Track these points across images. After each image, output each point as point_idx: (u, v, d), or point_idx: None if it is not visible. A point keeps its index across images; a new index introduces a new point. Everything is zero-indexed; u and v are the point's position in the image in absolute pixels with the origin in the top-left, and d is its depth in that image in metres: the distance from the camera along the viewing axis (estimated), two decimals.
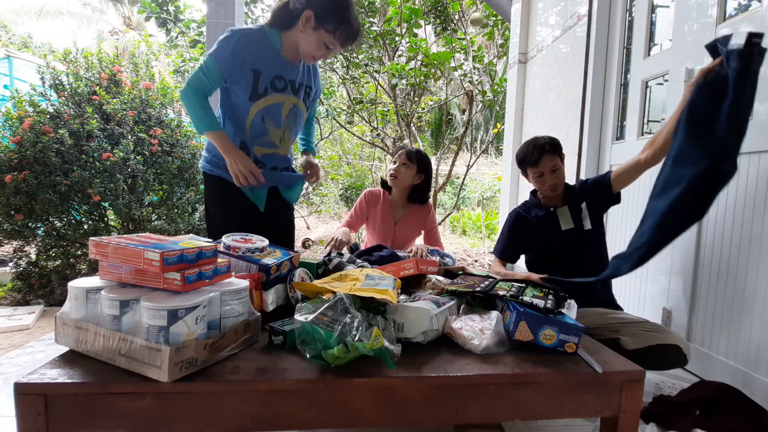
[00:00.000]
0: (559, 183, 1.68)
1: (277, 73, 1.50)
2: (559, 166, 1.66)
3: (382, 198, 2.14)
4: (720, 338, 1.68)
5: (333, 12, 1.38)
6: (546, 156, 1.63)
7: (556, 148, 1.67)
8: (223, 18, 2.84)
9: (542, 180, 1.67)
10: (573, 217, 1.68)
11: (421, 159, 2.05)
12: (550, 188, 1.68)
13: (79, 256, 2.95)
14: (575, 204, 1.70)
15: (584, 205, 1.69)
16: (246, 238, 1.25)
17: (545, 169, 1.65)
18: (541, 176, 1.67)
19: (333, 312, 0.90)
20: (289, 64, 1.53)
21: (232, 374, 0.84)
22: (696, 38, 1.82)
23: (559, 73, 2.88)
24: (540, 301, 1.04)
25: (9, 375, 1.74)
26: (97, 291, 0.90)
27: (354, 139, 7.11)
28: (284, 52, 1.51)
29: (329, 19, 1.38)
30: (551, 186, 1.67)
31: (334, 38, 1.42)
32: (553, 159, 1.64)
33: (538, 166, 1.65)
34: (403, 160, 2.01)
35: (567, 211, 1.69)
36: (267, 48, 1.48)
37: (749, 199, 1.57)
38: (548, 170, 1.65)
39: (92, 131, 2.82)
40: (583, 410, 0.93)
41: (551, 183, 1.66)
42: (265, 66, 1.47)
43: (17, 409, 0.78)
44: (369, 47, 4.33)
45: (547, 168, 1.64)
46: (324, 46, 1.44)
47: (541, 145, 1.65)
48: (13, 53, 5.28)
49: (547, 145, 1.65)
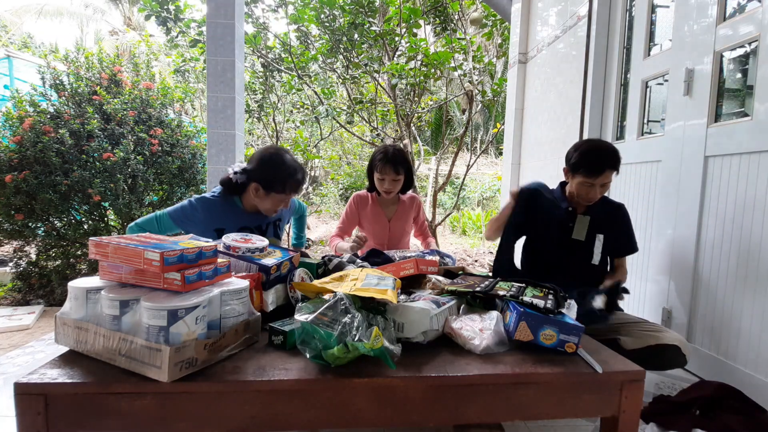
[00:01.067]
0: (600, 197, 1.61)
1: (240, 225, 1.57)
2: (610, 182, 1.57)
3: (371, 199, 2.14)
4: (720, 338, 1.68)
5: (276, 178, 1.49)
6: (608, 171, 1.52)
7: (619, 164, 1.55)
8: (223, 18, 2.84)
9: (588, 190, 1.56)
10: (589, 231, 1.62)
11: (404, 164, 2.00)
12: (588, 200, 1.59)
13: (79, 256, 2.95)
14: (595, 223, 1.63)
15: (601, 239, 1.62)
16: (246, 238, 1.25)
17: (598, 182, 1.54)
18: (591, 186, 1.55)
19: (333, 312, 0.90)
20: (252, 215, 1.61)
21: (232, 374, 0.84)
22: (696, 38, 1.82)
23: (559, 73, 2.88)
24: (540, 301, 1.04)
25: (9, 375, 1.74)
26: (97, 291, 0.90)
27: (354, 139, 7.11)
28: (246, 208, 1.61)
29: (275, 184, 1.50)
30: (592, 199, 1.58)
31: (286, 194, 1.54)
32: (610, 176, 1.54)
33: (595, 177, 1.53)
34: (393, 177, 1.98)
35: (586, 222, 1.62)
36: (227, 209, 1.57)
37: (749, 199, 1.57)
38: (600, 183, 1.54)
39: (93, 131, 2.83)
40: (583, 410, 0.93)
41: (595, 197, 1.57)
42: (227, 224, 1.54)
43: (17, 409, 0.78)
44: (369, 47, 4.32)
45: (599, 182, 1.54)
46: (280, 202, 1.56)
47: (608, 158, 1.52)
48: (13, 53, 5.28)
49: (615, 160, 1.53)
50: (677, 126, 1.91)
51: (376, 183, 2.05)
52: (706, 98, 1.75)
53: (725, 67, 1.76)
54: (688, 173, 1.84)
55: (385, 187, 2.01)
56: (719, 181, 1.70)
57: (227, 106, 2.88)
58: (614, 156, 1.53)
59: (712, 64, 1.74)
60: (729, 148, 1.65)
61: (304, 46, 4.61)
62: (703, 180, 1.76)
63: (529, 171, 3.35)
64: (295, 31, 4.45)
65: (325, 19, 4.13)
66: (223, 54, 2.87)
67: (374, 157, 2.02)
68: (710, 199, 1.74)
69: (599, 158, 1.52)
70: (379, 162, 1.97)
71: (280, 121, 5.36)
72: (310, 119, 5.39)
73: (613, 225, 1.64)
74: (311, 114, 4.88)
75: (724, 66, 1.76)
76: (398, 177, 2.00)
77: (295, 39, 4.58)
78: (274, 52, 4.66)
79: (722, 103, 1.76)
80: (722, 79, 1.75)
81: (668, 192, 1.96)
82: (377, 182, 2.03)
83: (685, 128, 1.86)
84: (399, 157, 1.98)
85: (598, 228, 1.64)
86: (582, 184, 1.57)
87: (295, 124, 5.42)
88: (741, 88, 1.75)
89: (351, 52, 4.33)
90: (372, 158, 2.05)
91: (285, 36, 4.43)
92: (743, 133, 1.59)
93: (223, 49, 2.87)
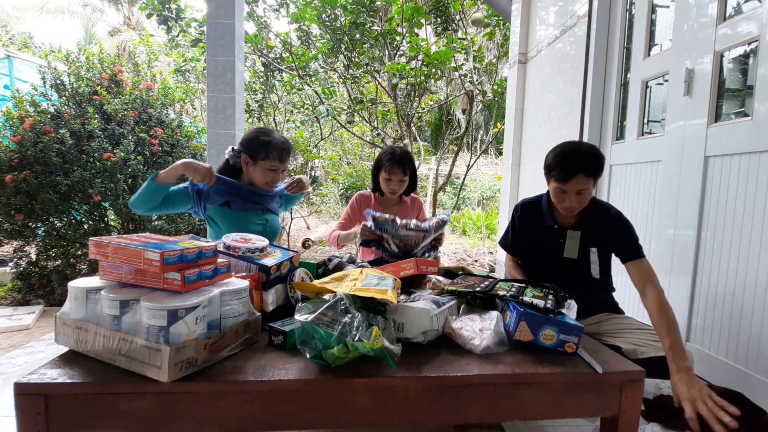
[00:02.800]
0: (579, 207, 1.44)
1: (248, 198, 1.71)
2: (587, 189, 1.38)
3: (374, 199, 2.16)
4: (720, 338, 1.68)
5: (259, 146, 1.64)
6: (579, 177, 1.35)
7: (596, 170, 1.36)
8: (223, 18, 2.84)
9: (561, 197, 1.42)
10: (581, 245, 1.48)
11: (411, 166, 2.06)
12: (566, 210, 1.45)
13: (79, 256, 2.96)
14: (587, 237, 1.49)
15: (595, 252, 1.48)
16: (246, 238, 1.25)
17: (570, 189, 1.38)
18: (563, 193, 1.41)
19: (333, 312, 0.89)
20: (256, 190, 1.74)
21: (232, 374, 0.84)
22: (696, 38, 1.82)
23: (559, 72, 2.88)
24: (540, 301, 1.04)
25: (9, 375, 1.74)
26: (97, 291, 0.90)
27: (354, 138, 7.11)
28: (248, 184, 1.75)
29: (259, 151, 1.64)
30: (569, 209, 1.43)
31: (271, 160, 1.65)
32: (585, 182, 1.36)
33: (565, 182, 1.37)
34: (400, 177, 2.02)
35: (577, 238, 1.48)
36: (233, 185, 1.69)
37: (749, 199, 1.57)
38: (574, 191, 1.38)
39: (93, 131, 2.83)
40: (583, 410, 0.93)
41: (571, 206, 1.41)
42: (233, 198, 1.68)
43: (17, 409, 0.78)
44: (370, 47, 4.32)
45: (573, 189, 1.38)
46: (269, 171, 1.67)
47: (580, 161, 1.35)
48: (14, 53, 5.29)
49: (588, 164, 1.35)
50: (677, 126, 1.91)
51: (381, 183, 2.07)
52: (706, 98, 1.75)
53: (725, 67, 1.76)
54: (688, 173, 1.84)
55: (392, 187, 2.04)
56: (719, 181, 1.70)
57: (227, 106, 2.88)
58: (589, 159, 1.35)
59: (712, 64, 1.74)
60: (729, 148, 1.65)
61: (305, 46, 4.61)
62: (703, 180, 1.76)
63: (529, 171, 3.35)
64: (296, 30, 4.45)
65: (326, 18, 4.13)
66: (223, 54, 2.87)
67: (381, 158, 2.06)
68: (710, 199, 1.74)
69: (571, 161, 1.36)
70: (387, 162, 2.01)
71: (281, 121, 5.36)
72: (311, 119, 5.39)
73: (607, 234, 1.46)
74: (311, 114, 4.88)
75: (724, 66, 1.76)
76: (405, 177, 2.04)
77: (296, 38, 4.58)
78: (274, 51, 4.66)
79: (722, 103, 1.76)
80: (722, 79, 1.75)
81: (668, 192, 1.96)
82: (383, 182, 2.06)
83: (685, 128, 1.86)
84: (406, 158, 2.04)
85: (590, 241, 1.49)
86: (555, 190, 1.43)
87: (295, 124, 5.42)
88: (741, 88, 1.75)
89: (352, 52, 4.33)
90: (379, 158, 2.08)
91: (286, 35, 4.44)
92: (743, 133, 1.59)
93: (223, 49, 2.87)
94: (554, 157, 1.42)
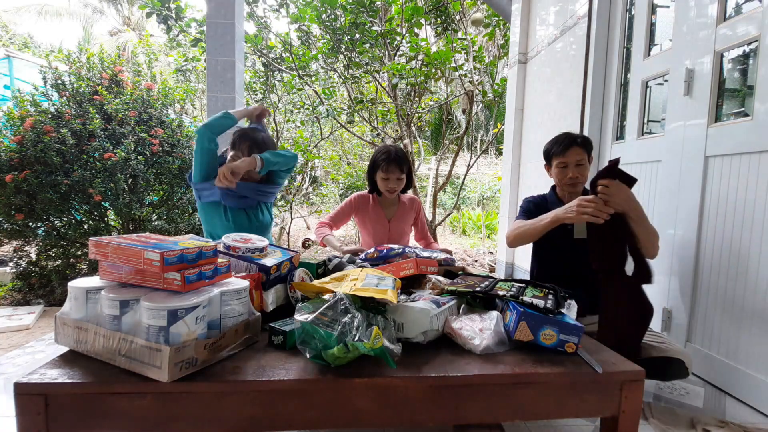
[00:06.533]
0: (581, 179, 1.64)
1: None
2: (585, 162, 1.63)
3: (372, 200, 2.15)
4: (720, 338, 1.68)
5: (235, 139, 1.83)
6: (575, 147, 1.61)
7: (586, 144, 1.65)
8: (223, 18, 2.84)
9: (564, 171, 1.64)
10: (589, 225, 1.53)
11: (407, 164, 2.05)
12: (570, 181, 1.63)
13: (79, 256, 2.96)
14: None
15: None
16: (246, 238, 1.25)
17: (570, 161, 1.62)
18: (564, 167, 1.63)
19: (333, 312, 0.89)
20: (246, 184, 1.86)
21: (232, 374, 0.84)
22: (696, 38, 1.82)
23: (559, 72, 2.88)
24: (540, 301, 1.04)
25: (9, 375, 1.74)
26: (97, 291, 0.90)
27: (354, 139, 7.10)
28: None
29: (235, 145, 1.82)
30: (572, 179, 1.62)
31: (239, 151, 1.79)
32: (581, 153, 1.62)
33: (564, 155, 1.62)
34: (397, 175, 2.02)
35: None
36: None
37: (749, 199, 1.56)
38: (573, 162, 1.62)
39: (94, 131, 2.83)
40: (583, 410, 0.93)
41: (573, 175, 1.62)
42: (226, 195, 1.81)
43: (17, 409, 0.78)
44: (370, 47, 4.32)
45: (572, 160, 1.61)
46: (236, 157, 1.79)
47: (573, 137, 1.64)
48: (14, 53, 5.29)
49: (579, 138, 1.64)
50: (677, 126, 1.91)
51: (379, 182, 2.06)
52: (707, 98, 1.75)
53: (725, 67, 1.76)
54: (688, 173, 1.84)
55: (390, 185, 2.04)
56: (719, 181, 1.70)
57: (227, 106, 2.88)
58: (579, 136, 1.65)
59: (712, 64, 1.74)
60: (729, 148, 1.65)
61: (305, 46, 4.61)
62: (703, 180, 1.76)
63: (529, 171, 3.35)
64: (297, 30, 4.45)
65: (326, 18, 4.13)
66: (223, 54, 2.87)
67: (377, 158, 2.04)
68: (710, 199, 1.74)
69: (565, 138, 1.64)
70: (383, 162, 2.01)
71: (281, 121, 5.36)
72: (311, 119, 5.39)
73: None
74: (311, 114, 4.88)
75: (724, 66, 1.76)
76: (402, 175, 2.05)
77: (296, 38, 4.58)
78: (274, 51, 4.66)
79: (722, 103, 1.76)
80: (722, 79, 1.75)
81: (668, 192, 1.96)
82: (381, 182, 2.05)
83: (685, 128, 1.86)
84: (402, 156, 2.04)
85: None
86: (557, 167, 1.66)
87: (295, 124, 5.42)
88: (741, 88, 1.75)
89: (352, 52, 4.33)
90: (374, 159, 2.06)
91: (286, 35, 4.44)
92: (743, 133, 1.59)
93: (223, 49, 2.87)
94: (550, 141, 1.71)
